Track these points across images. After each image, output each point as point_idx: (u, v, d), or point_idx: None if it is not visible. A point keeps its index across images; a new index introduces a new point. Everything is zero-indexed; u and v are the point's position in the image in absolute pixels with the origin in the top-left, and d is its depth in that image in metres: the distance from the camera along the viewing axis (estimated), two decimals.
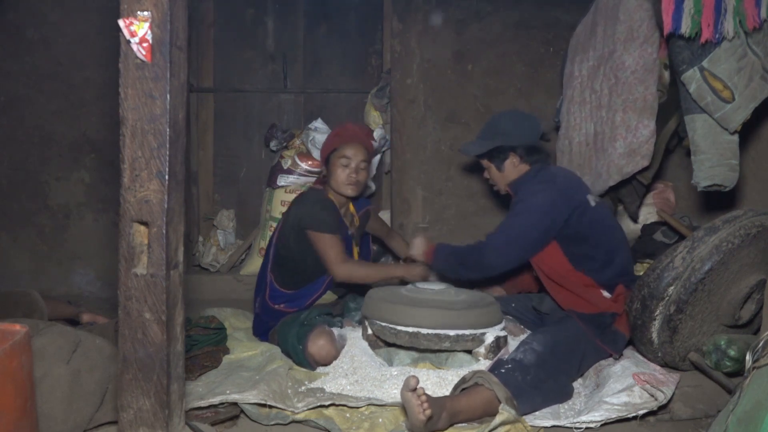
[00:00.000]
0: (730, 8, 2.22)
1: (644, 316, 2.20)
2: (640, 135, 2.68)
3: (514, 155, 2.46)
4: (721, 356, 2.09)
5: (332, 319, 2.55)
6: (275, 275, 2.62)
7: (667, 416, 2.04)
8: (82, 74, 3.71)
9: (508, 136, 2.45)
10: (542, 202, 2.30)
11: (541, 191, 2.34)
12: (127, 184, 1.44)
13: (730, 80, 2.28)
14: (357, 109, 4.10)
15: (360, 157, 2.60)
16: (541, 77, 3.66)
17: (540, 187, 2.35)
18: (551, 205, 2.30)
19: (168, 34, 1.42)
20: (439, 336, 2.20)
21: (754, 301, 2.22)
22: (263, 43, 4.16)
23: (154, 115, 1.43)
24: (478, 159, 2.57)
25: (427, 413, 1.74)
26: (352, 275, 2.53)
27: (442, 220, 3.70)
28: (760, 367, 1.48)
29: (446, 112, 3.67)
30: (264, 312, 2.63)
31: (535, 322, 2.58)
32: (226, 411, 1.99)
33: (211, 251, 3.92)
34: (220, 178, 4.19)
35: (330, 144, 2.63)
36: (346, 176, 2.58)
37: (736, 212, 2.22)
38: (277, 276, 2.62)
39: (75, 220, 3.76)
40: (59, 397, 1.71)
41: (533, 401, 1.99)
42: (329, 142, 2.64)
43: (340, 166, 2.58)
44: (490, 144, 2.47)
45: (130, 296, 1.45)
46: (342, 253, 2.50)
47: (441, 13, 3.66)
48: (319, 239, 2.50)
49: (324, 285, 2.62)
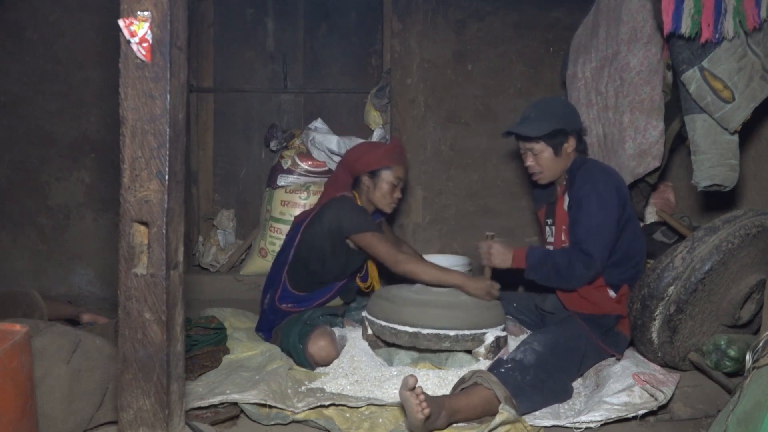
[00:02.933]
0: (730, 8, 2.22)
1: (644, 316, 2.20)
2: (650, 136, 2.67)
3: (573, 140, 2.36)
4: (721, 356, 2.09)
5: (335, 319, 2.55)
6: (290, 276, 2.61)
7: (667, 416, 2.04)
8: (82, 74, 3.71)
9: (567, 119, 2.35)
10: (612, 193, 2.24)
11: (604, 180, 2.26)
12: (127, 184, 1.44)
13: (730, 80, 2.28)
14: (357, 109, 4.10)
15: (405, 179, 2.68)
16: (541, 77, 3.66)
17: (602, 176, 2.27)
18: (618, 195, 2.26)
19: (168, 34, 1.42)
20: (439, 336, 2.20)
21: (754, 301, 2.22)
22: (263, 43, 4.16)
23: (154, 115, 1.43)
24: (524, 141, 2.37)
25: (425, 412, 1.74)
26: (413, 269, 2.42)
27: (442, 220, 3.70)
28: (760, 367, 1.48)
29: (446, 112, 3.67)
30: (271, 310, 2.64)
31: (536, 323, 2.58)
32: (226, 411, 1.99)
33: (211, 251, 3.92)
34: (220, 178, 4.19)
35: (382, 160, 2.58)
36: (393, 197, 2.63)
37: (736, 212, 2.22)
38: (292, 277, 2.61)
39: (75, 220, 3.76)
40: (59, 397, 1.71)
41: (533, 401, 1.99)
42: (381, 158, 2.58)
43: (391, 185, 2.60)
44: (550, 126, 2.31)
45: (130, 296, 1.45)
46: (394, 247, 2.50)
47: (441, 13, 3.66)
48: (367, 239, 2.48)
49: (335, 290, 2.63)
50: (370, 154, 2.61)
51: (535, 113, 2.36)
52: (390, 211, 2.67)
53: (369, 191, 2.62)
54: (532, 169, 2.41)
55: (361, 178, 2.63)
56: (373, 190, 2.61)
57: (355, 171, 2.63)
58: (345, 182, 2.69)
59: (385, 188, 2.60)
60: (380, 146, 2.67)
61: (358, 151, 2.68)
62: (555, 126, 2.31)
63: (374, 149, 2.64)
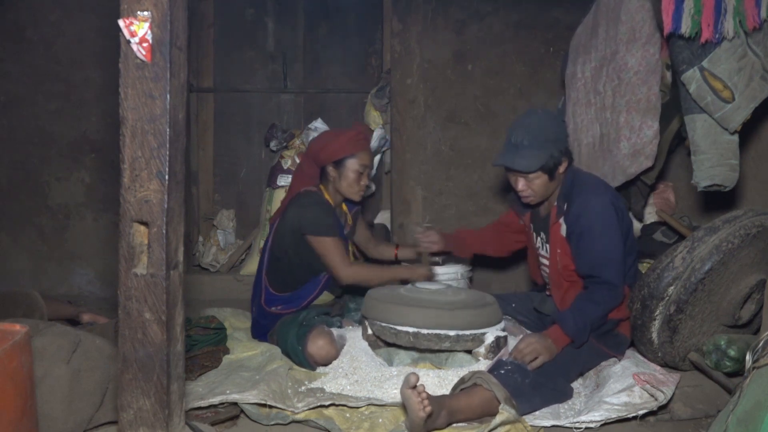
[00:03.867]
0: (730, 8, 2.22)
1: (644, 316, 2.20)
2: (644, 136, 2.67)
3: (565, 160, 2.29)
4: (721, 356, 2.09)
5: (330, 318, 2.55)
6: (269, 279, 2.61)
7: (667, 416, 2.04)
8: (82, 74, 3.71)
9: (560, 141, 2.27)
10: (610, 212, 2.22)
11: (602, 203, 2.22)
12: (127, 184, 1.44)
13: (730, 80, 2.28)
14: (357, 109, 4.10)
15: (371, 164, 2.64)
16: (541, 77, 3.66)
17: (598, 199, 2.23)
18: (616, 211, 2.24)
19: (168, 34, 1.42)
20: (439, 336, 2.20)
21: (754, 301, 2.22)
22: (263, 43, 4.16)
23: (154, 115, 1.43)
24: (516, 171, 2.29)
25: (427, 410, 1.74)
26: (357, 277, 2.52)
27: (442, 220, 3.70)
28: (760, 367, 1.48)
29: (446, 112, 3.67)
30: (261, 316, 2.63)
31: (534, 323, 2.57)
32: (226, 411, 1.99)
33: (211, 251, 3.92)
34: (220, 178, 4.19)
35: (345, 149, 2.56)
36: (361, 185, 2.61)
37: (736, 212, 2.22)
38: (272, 279, 2.61)
39: (75, 220, 3.76)
40: (59, 397, 1.71)
41: (532, 401, 1.99)
42: (343, 147, 2.56)
43: (357, 173, 2.58)
44: (545, 154, 2.23)
45: (130, 296, 1.45)
46: (345, 256, 2.51)
47: (441, 13, 3.65)
48: (321, 243, 2.49)
49: (319, 286, 2.62)
50: (333, 144, 2.58)
51: (528, 139, 2.23)
52: (359, 198, 2.65)
53: (335, 181, 2.60)
54: (524, 194, 2.32)
55: (327, 168, 2.61)
56: (339, 179, 2.59)
57: (320, 161, 2.62)
58: (311, 174, 2.68)
59: (351, 177, 2.58)
60: (342, 134, 2.63)
61: (320, 141, 2.66)
62: (550, 153, 2.23)
63: (335, 138, 2.60)
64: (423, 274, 2.59)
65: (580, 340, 2.13)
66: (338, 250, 2.49)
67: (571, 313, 2.14)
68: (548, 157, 2.23)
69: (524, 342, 2.09)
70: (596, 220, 2.20)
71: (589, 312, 2.13)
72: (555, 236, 2.33)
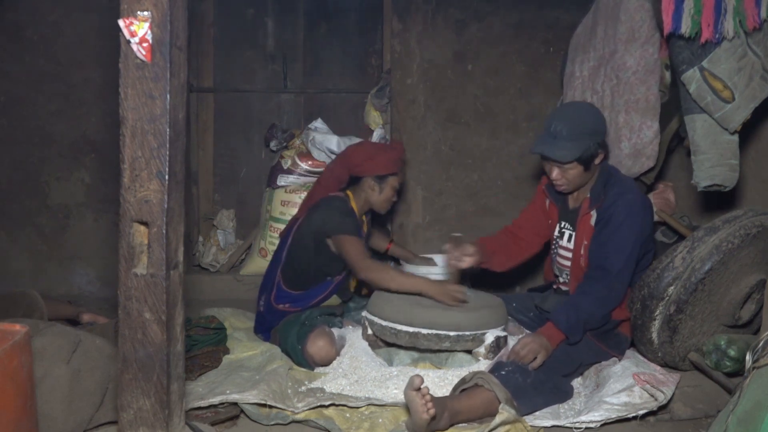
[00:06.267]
0: (730, 8, 2.22)
1: (644, 316, 2.21)
2: (644, 136, 2.68)
3: (601, 153, 2.30)
4: (721, 356, 2.09)
5: (333, 319, 2.55)
6: (284, 276, 2.63)
7: (667, 416, 2.04)
8: (82, 74, 3.70)
9: (598, 133, 2.27)
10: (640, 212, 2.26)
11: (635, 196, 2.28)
12: (127, 184, 1.44)
13: (730, 80, 2.28)
14: (357, 109, 4.10)
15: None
16: (541, 77, 3.66)
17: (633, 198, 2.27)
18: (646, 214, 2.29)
19: (168, 34, 1.42)
20: (439, 336, 2.20)
21: (754, 301, 2.22)
22: (263, 43, 4.16)
23: (154, 115, 1.43)
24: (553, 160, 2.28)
25: (431, 413, 1.74)
26: (378, 276, 2.42)
27: (442, 220, 3.70)
28: (760, 367, 1.48)
29: (446, 112, 3.67)
30: (268, 311, 2.64)
31: (535, 323, 2.57)
32: (226, 411, 1.99)
33: (211, 251, 3.91)
34: (220, 178, 4.19)
35: (390, 166, 2.62)
36: (392, 200, 2.71)
37: (736, 212, 2.22)
38: (286, 276, 2.63)
39: (75, 220, 3.76)
40: (59, 397, 1.71)
41: (533, 402, 1.99)
42: (390, 164, 2.62)
43: (393, 190, 2.67)
44: (584, 145, 2.23)
45: (130, 296, 1.45)
46: (367, 254, 2.53)
47: (441, 13, 3.65)
48: (344, 241, 2.49)
49: (330, 288, 2.64)
50: (380, 158, 2.62)
51: (567, 130, 2.23)
52: (385, 212, 2.75)
53: (372, 194, 2.64)
54: (558, 182, 2.33)
55: (364, 179, 2.64)
56: (378, 193, 2.65)
57: (360, 172, 2.63)
58: (340, 179, 2.70)
59: (389, 193, 2.66)
60: (387, 150, 2.70)
61: (365, 152, 2.67)
62: (588, 144, 2.23)
63: (383, 153, 2.66)
64: (445, 293, 2.31)
65: (574, 335, 2.13)
66: (360, 247, 2.51)
67: (564, 310, 2.15)
68: (585, 148, 2.24)
69: (520, 344, 2.10)
70: (625, 214, 2.22)
71: (583, 307, 2.15)
72: (584, 227, 2.34)
